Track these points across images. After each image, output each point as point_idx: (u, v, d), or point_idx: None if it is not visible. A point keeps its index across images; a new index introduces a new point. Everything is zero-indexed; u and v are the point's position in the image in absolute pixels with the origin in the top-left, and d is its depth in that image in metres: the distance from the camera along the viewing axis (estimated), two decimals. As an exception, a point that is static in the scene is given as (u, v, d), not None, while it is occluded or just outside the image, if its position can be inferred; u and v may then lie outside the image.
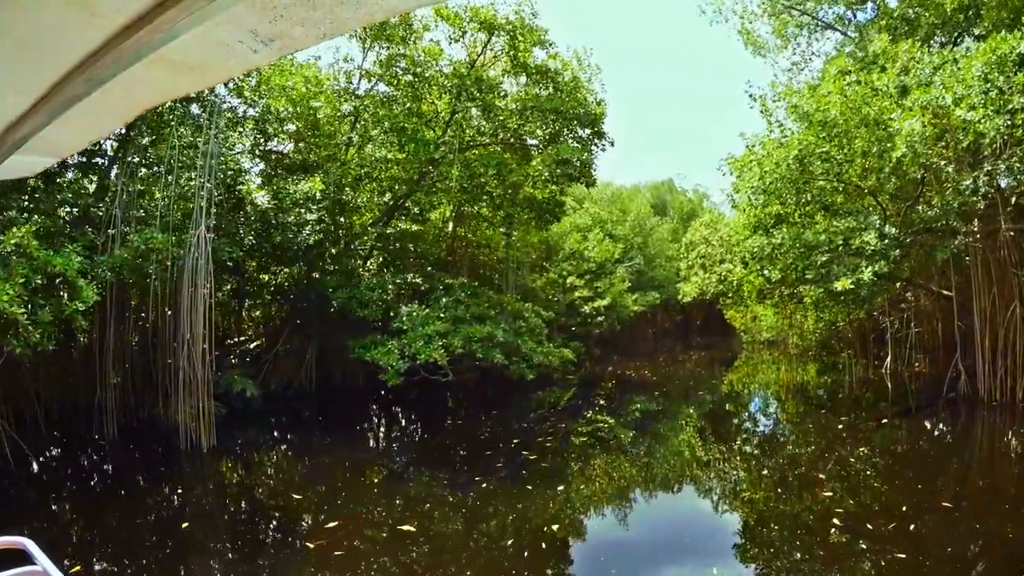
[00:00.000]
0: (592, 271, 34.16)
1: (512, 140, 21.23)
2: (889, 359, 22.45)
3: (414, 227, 25.34)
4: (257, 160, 22.51)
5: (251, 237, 18.96)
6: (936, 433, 15.19)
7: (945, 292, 21.16)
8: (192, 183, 16.20)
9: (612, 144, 20.77)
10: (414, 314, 19.70)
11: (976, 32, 19.48)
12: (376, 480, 12.86)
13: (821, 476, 11.54)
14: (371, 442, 16.40)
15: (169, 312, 16.55)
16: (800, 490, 11.07)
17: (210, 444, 14.62)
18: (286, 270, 22.90)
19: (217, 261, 17.31)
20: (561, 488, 11.46)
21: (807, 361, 33.22)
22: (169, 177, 15.96)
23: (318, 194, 19.42)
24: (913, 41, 17.27)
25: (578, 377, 27.66)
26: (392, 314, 20.05)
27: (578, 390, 24.89)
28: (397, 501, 10.94)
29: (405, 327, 19.24)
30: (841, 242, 15.04)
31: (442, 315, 19.50)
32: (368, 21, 1.67)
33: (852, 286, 14.30)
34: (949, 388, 18.01)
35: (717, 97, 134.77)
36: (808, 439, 15.60)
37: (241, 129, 19.70)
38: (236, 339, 24.51)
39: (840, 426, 15.88)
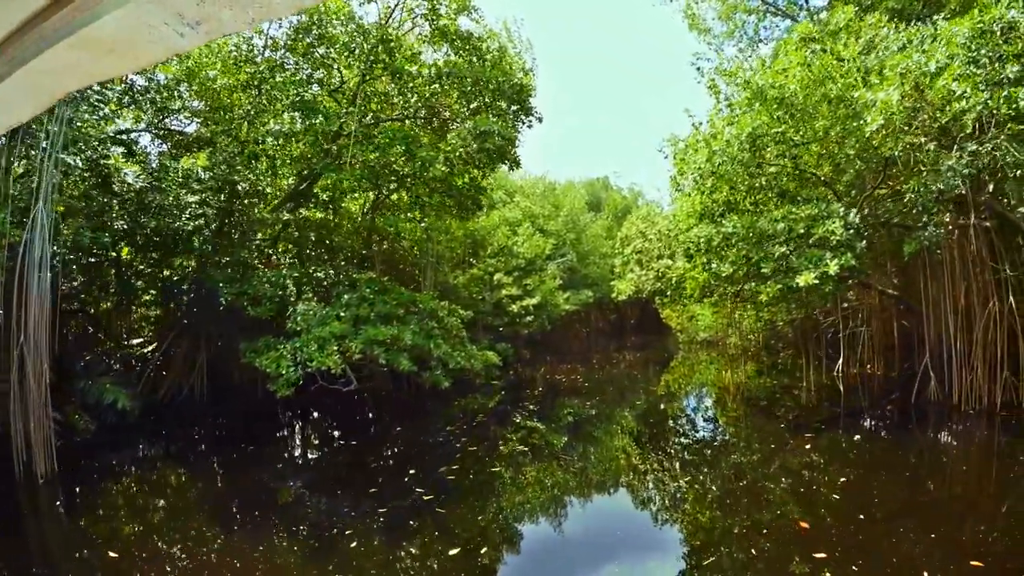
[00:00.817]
0: (521, 268, 31.84)
1: (425, 114, 18.64)
2: (841, 361, 20.72)
3: (326, 217, 22.45)
4: (158, 141, 19.76)
5: (123, 221, 16.11)
6: (925, 448, 13.37)
7: (890, 291, 19.76)
8: (33, 154, 13.34)
9: (540, 120, 18.44)
10: (311, 313, 17.02)
11: (938, 18, 17.87)
12: (256, 516, 10.12)
13: (780, 495, 10.01)
14: (261, 463, 13.57)
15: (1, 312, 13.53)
16: (755, 503, 9.95)
17: (48, 471, 11.70)
18: (176, 262, 20.04)
19: (81, 248, 15.14)
20: (488, 504, 10.37)
21: (747, 362, 31.87)
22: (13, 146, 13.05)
23: (201, 172, 16.67)
24: (880, 14, 15.45)
25: (505, 381, 25.66)
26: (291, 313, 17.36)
27: (506, 395, 22.87)
28: (281, 543, 8.36)
29: (300, 328, 16.56)
30: (802, 231, 13.01)
31: (342, 314, 16.79)
32: (298, 6, 1.73)
33: (816, 281, 12.24)
34: (918, 393, 16.41)
35: (655, 71, 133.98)
36: (761, 448, 13.79)
37: (137, 104, 17.50)
38: (122, 341, 21.38)
39: (807, 436, 13.96)
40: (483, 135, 15.45)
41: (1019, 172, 12.68)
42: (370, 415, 18.51)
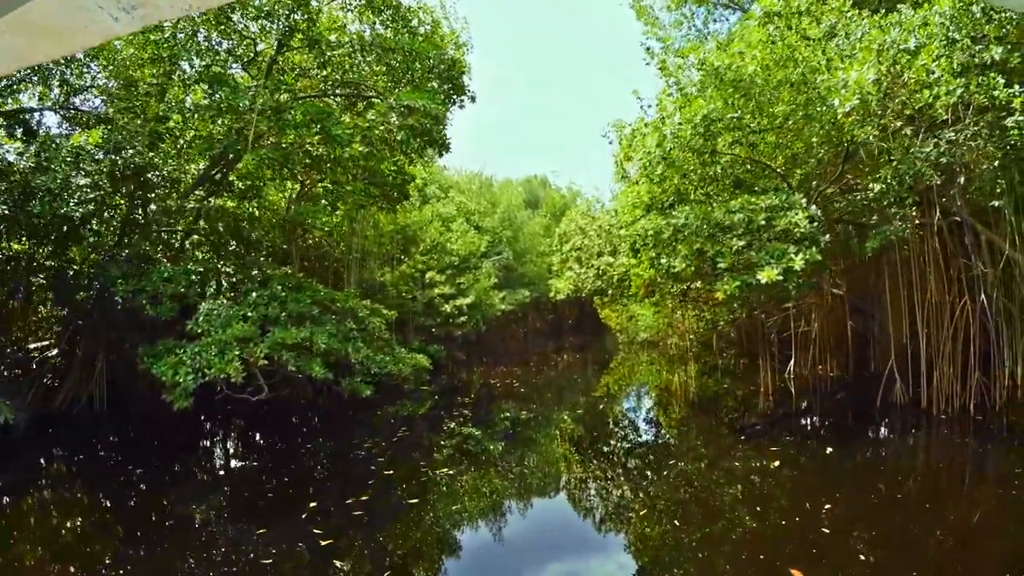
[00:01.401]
0: (455, 266, 30.14)
1: (347, 92, 16.73)
2: (792, 362, 19.65)
3: (242, 207, 20.32)
4: (65, 124, 17.55)
5: (5, 207, 13.96)
6: (898, 457, 12.26)
7: (835, 290, 18.86)
8: None
9: (473, 100, 16.75)
10: (216, 313, 15.06)
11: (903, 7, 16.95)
12: (139, 552, 8.23)
13: (731, 505, 8.58)
14: (159, 484, 11.62)
15: None
16: (707, 513, 9.35)
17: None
18: (78, 254, 17.85)
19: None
20: (421, 517, 9.55)
21: (688, 363, 30.96)
22: None
23: (95, 151, 14.60)
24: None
25: (438, 385, 24.04)
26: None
27: (438, 400, 21.31)
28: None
29: (202, 330, 14.59)
30: (763, 222, 11.69)
31: (250, 315, 14.87)
32: None
33: (780, 277, 10.91)
34: (883, 396, 15.24)
35: (606, 52, 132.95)
36: (710, 454, 12.57)
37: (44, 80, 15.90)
38: (23, 343, 18.93)
39: (762, 442, 12.79)
40: (407, 111, 13.59)
41: (996, 163, 11.66)
42: (284, 428, 16.64)
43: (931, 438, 13.33)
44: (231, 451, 15.18)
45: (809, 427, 14.71)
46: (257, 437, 16.05)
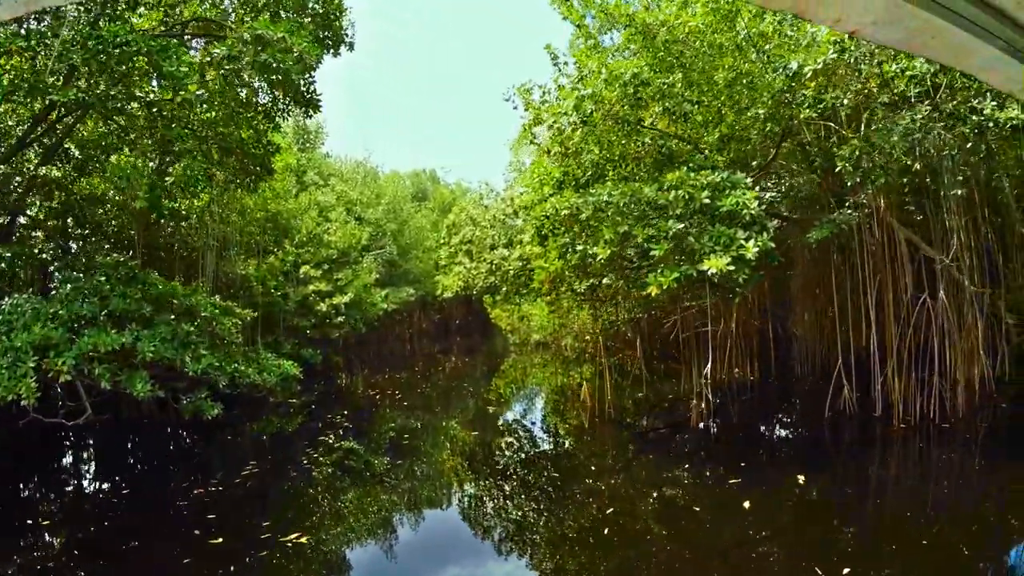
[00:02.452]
0: (333, 260, 27.02)
1: (195, 29, 13.49)
2: (709, 365, 17.73)
3: (69, 177, 16.56)
4: None
5: None
6: (864, 478, 10.62)
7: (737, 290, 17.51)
8: None
9: (351, 48, 13.84)
10: (20, 310, 11.72)
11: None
12: None
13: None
14: None
15: None
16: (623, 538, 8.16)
17: None
18: None
19: None
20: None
21: (584, 365, 29.13)
22: None
23: None
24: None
25: (312, 395, 21.26)
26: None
27: (313, 411, 18.69)
28: None
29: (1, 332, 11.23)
30: (706, 201, 9.47)
31: (59, 311, 11.58)
32: None
33: (731, 267, 8.75)
34: (831, 404, 13.56)
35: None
36: (615, 466, 10.70)
37: None
38: None
39: (679, 460, 11.04)
40: (262, 44, 10.44)
41: (967, 147, 10.16)
42: (108, 464, 13.42)
43: (905, 453, 11.78)
44: (42, 498, 11.76)
45: (758, 444, 12.89)
46: (59, 482, 12.71)
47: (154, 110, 12.50)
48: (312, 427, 16.05)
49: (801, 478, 9.81)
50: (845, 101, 10.21)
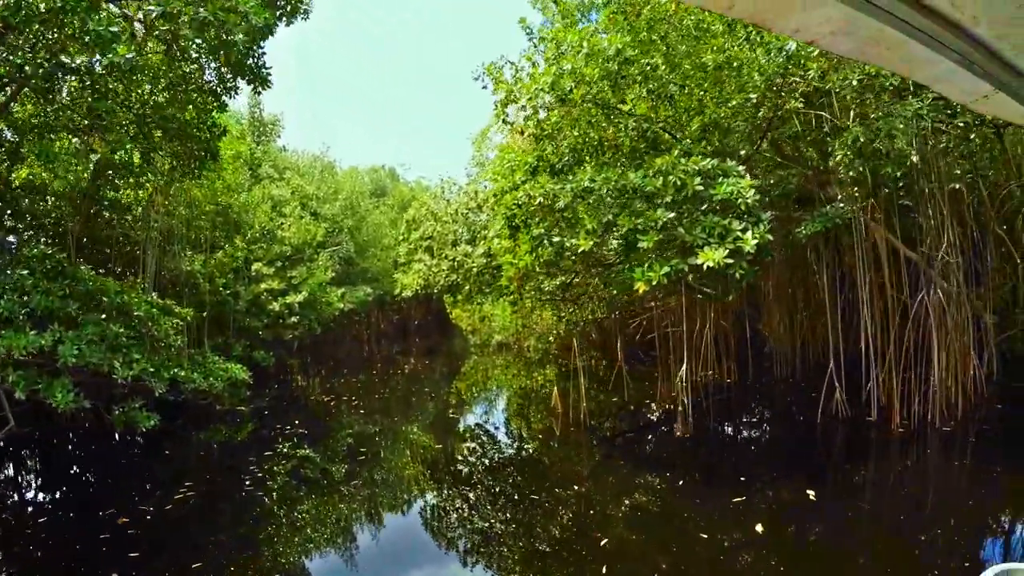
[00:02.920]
0: (287, 256, 25.68)
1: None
2: (684, 367, 16.90)
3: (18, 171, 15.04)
4: None
5: None
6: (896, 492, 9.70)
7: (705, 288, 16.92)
8: None
9: (307, 16, 12.59)
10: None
11: None
12: None
13: None
14: None
15: None
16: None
17: None
18: None
19: None
20: None
21: (547, 367, 28.42)
22: None
23: None
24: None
25: (265, 400, 20.01)
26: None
27: (266, 418, 17.48)
28: None
29: None
30: (699, 188, 8.56)
31: (-28, 312, 10.28)
32: None
33: (728, 260, 7.87)
34: (823, 408, 12.96)
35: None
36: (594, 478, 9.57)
37: None
38: None
39: (728, 492, 10.15)
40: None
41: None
42: (41, 476, 12.10)
43: (916, 460, 11.12)
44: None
45: (752, 454, 12.04)
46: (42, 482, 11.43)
47: (86, 81, 11.22)
48: (264, 435, 14.99)
49: (811, 494, 8.97)
50: (854, 83, 9.37)
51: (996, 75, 1.71)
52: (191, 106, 12.63)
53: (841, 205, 11.37)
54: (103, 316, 11.72)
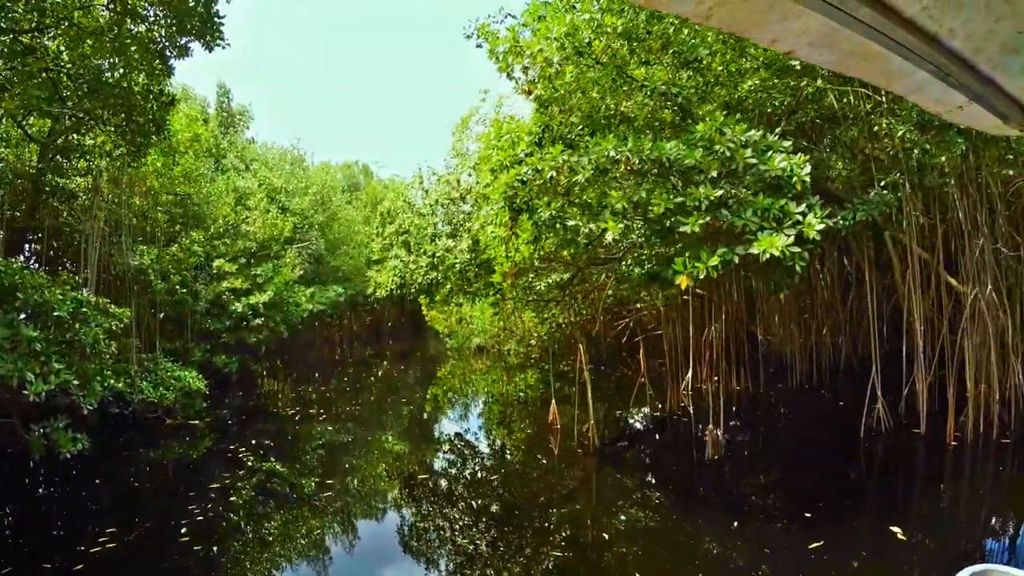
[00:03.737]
0: (252, 253, 23.71)
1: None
2: (690, 375, 15.41)
3: None
4: None
5: None
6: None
7: (698, 291, 15.49)
8: None
9: None
10: None
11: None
12: None
13: None
14: None
15: None
16: None
17: None
18: None
19: None
20: None
21: (528, 372, 26.98)
22: None
23: None
24: None
25: (225, 411, 18.24)
26: None
27: (228, 430, 15.78)
28: None
29: None
30: (751, 160, 6.93)
31: None
32: None
33: (793, 247, 6.26)
34: (864, 421, 11.33)
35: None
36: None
37: None
38: None
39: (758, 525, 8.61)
40: None
41: None
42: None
43: (997, 482, 9.51)
44: None
45: (802, 479, 10.45)
46: None
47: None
48: (221, 453, 13.16)
49: (897, 531, 7.34)
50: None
51: (971, 87, 1.70)
52: (135, 71, 10.78)
53: (885, 192, 9.84)
54: (22, 316, 9.82)
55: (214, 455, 13.13)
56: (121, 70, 10.88)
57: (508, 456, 13.19)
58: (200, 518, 8.91)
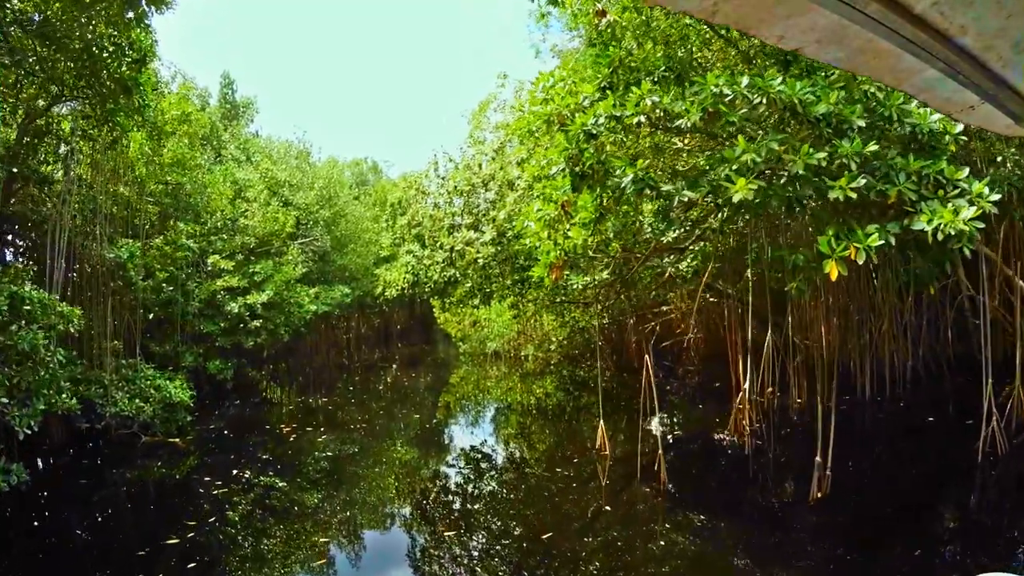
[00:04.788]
0: (250, 248, 21.73)
1: None
2: (747, 386, 13.26)
3: None
4: None
5: None
6: None
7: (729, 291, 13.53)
8: None
9: None
10: None
11: None
12: None
13: None
14: None
15: None
16: None
17: None
18: None
19: None
20: None
21: (546, 376, 25.21)
22: None
23: None
24: None
25: (213, 426, 16.09)
26: None
27: (213, 452, 13.44)
28: None
29: None
30: (903, 106, 4.91)
31: None
32: None
33: (974, 224, 4.21)
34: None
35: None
36: None
37: None
38: None
39: None
40: None
41: None
42: None
43: None
44: None
45: (940, 522, 8.32)
46: None
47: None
48: (190, 485, 11.03)
49: None
50: None
51: (982, 86, 1.65)
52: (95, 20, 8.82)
53: (1009, 166, 7.87)
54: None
55: (180, 489, 11.01)
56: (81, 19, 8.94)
57: (549, 492, 10.48)
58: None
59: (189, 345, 19.46)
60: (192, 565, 7.43)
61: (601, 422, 11.26)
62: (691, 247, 11.33)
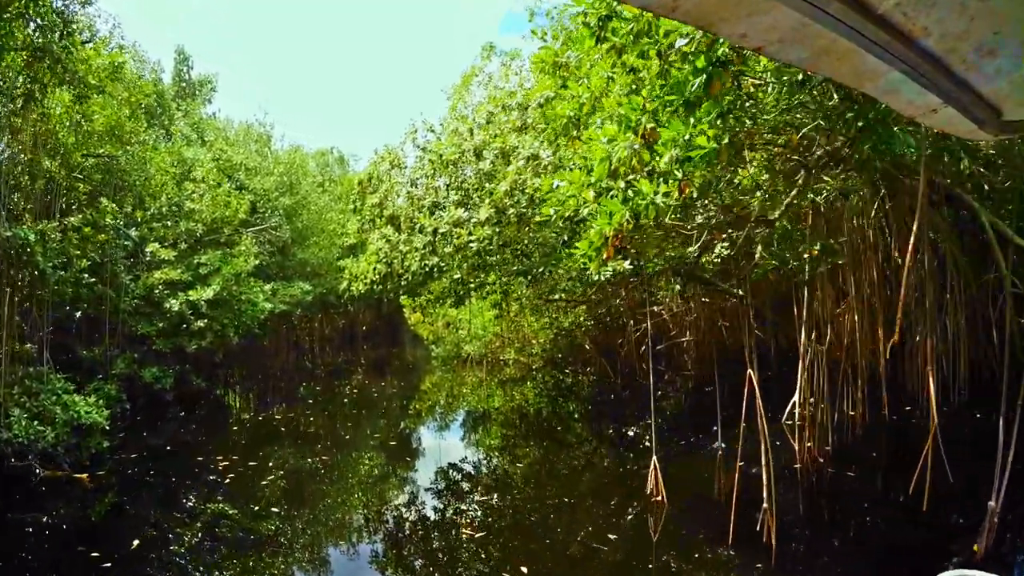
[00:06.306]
0: (196, 237, 18.68)
1: None
2: (797, 398, 10.76)
3: None
4: None
5: None
6: None
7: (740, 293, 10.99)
8: None
9: None
10: None
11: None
12: None
13: None
14: None
15: None
16: None
17: None
18: None
19: None
20: None
21: (527, 382, 22.79)
22: None
23: None
24: None
25: (142, 452, 13.07)
26: None
27: (130, 492, 10.46)
28: None
29: None
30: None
31: None
32: None
33: None
34: None
35: None
36: None
37: None
38: None
39: None
40: None
41: None
42: None
43: None
44: None
45: None
46: None
47: None
48: (139, 503, 8.24)
49: None
50: None
51: (945, 89, 1.65)
52: None
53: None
54: None
55: (122, 509, 8.21)
56: None
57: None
58: None
59: (123, 349, 16.47)
60: None
61: (655, 462, 8.39)
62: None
